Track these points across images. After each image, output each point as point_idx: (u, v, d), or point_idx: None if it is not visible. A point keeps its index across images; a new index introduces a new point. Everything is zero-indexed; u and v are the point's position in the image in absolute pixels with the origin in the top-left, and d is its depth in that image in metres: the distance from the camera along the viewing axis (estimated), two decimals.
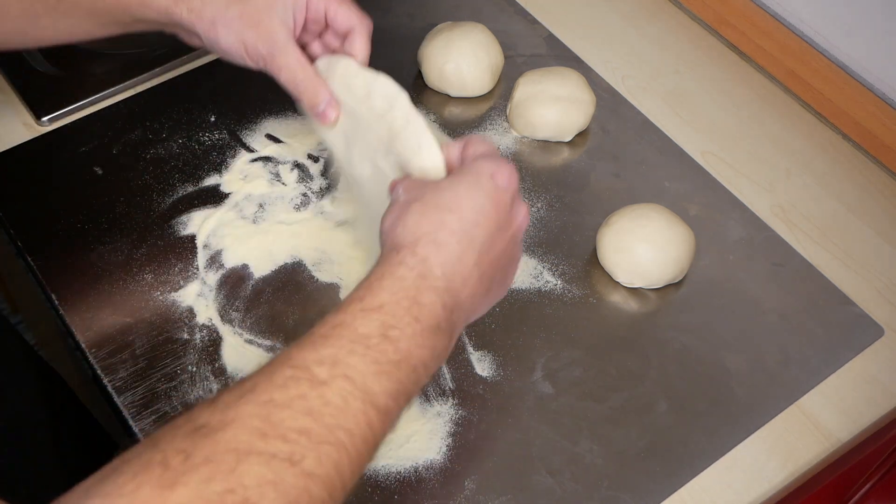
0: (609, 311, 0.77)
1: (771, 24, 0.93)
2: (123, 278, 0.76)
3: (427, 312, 0.51)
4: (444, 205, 0.54)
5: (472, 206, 0.54)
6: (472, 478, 0.67)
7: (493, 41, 0.89)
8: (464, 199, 0.55)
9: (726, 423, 0.71)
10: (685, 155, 0.87)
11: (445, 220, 0.53)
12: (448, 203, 0.54)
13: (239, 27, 0.65)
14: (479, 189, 0.55)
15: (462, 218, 0.54)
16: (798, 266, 0.80)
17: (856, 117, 0.88)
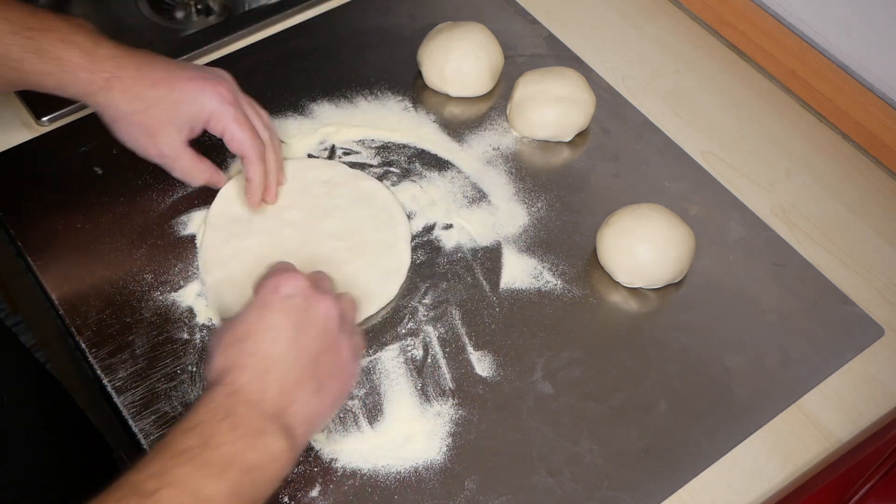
0: (609, 311, 0.77)
1: (771, 24, 0.93)
2: (123, 278, 0.76)
3: (244, 421, 0.54)
4: (239, 336, 0.58)
5: (264, 325, 0.58)
6: (472, 478, 0.67)
7: (493, 41, 0.89)
8: (254, 324, 0.59)
9: (726, 423, 0.71)
10: (685, 155, 0.87)
11: (243, 349, 0.58)
12: (242, 333, 0.58)
13: (137, 133, 0.73)
14: (266, 307, 0.59)
15: (257, 340, 0.58)
16: (798, 266, 0.80)
17: (856, 117, 0.88)
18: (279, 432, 0.55)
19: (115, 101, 0.70)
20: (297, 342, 0.59)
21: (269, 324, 0.58)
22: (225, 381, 0.56)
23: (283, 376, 0.57)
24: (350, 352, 0.62)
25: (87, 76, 0.69)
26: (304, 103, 0.88)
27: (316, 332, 0.60)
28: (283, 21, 0.96)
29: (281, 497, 0.66)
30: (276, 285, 0.60)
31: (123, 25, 1.13)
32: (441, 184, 0.83)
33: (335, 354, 0.61)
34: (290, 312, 0.59)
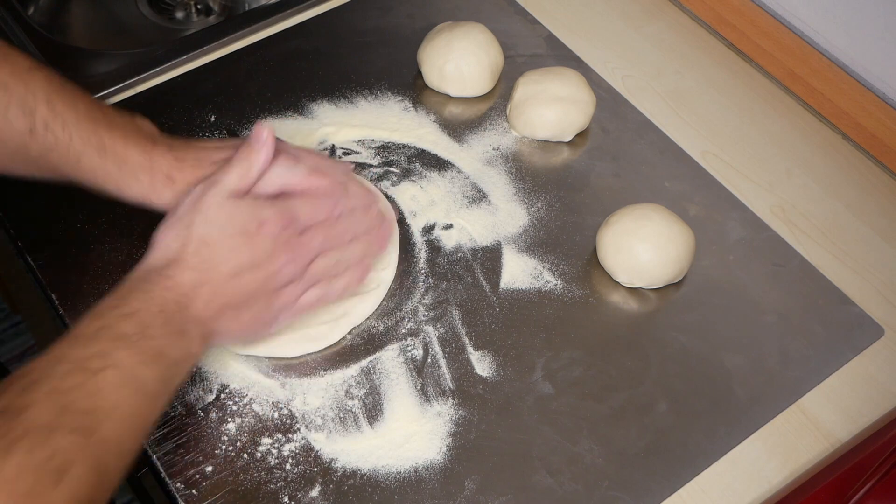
0: (609, 311, 0.77)
1: (771, 24, 0.93)
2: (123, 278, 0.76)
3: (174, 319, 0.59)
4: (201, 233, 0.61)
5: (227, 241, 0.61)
6: (472, 478, 0.67)
7: (493, 41, 0.89)
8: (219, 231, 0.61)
9: (726, 423, 0.71)
10: (685, 155, 0.87)
11: (198, 249, 0.61)
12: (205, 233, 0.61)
13: None
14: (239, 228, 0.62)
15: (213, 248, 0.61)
16: (798, 266, 0.80)
17: (856, 117, 0.88)
18: (198, 337, 0.60)
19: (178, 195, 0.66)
20: (243, 273, 0.62)
21: (232, 244, 0.61)
22: (166, 273, 0.60)
23: (216, 292, 0.61)
24: (279, 307, 0.66)
25: (147, 177, 0.66)
26: (304, 103, 0.88)
27: (262, 276, 0.63)
28: (283, 21, 0.96)
29: (281, 497, 0.66)
30: (264, 221, 0.62)
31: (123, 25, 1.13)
32: (441, 184, 0.83)
33: (266, 303, 0.64)
34: (255, 248, 0.62)
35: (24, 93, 0.63)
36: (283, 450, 0.68)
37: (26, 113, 0.63)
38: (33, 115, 0.63)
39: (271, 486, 0.66)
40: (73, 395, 0.51)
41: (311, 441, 0.68)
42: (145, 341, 0.56)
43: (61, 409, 0.50)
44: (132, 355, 0.55)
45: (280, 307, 0.66)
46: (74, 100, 0.65)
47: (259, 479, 0.66)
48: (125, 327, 0.56)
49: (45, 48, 0.92)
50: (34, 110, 0.63)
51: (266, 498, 0.66)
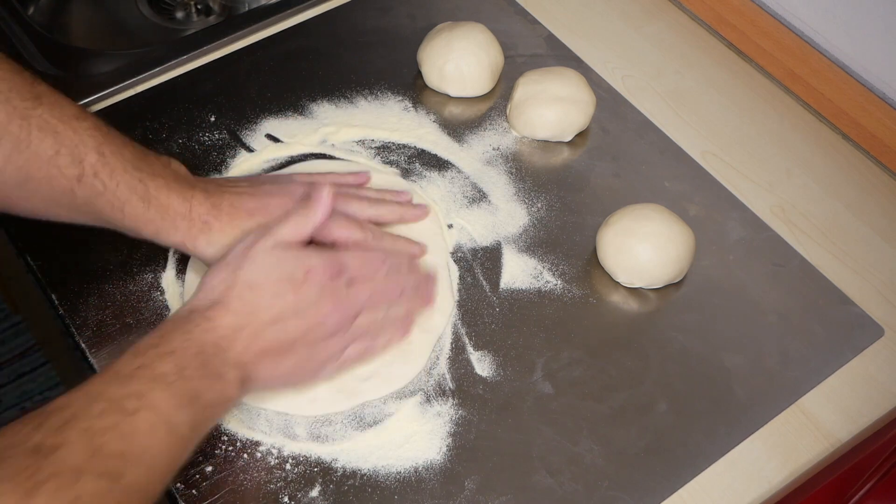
0: (609, 311, 0.77)
1: (771, 24, 0.93)
2: (123, 278, 0.76)
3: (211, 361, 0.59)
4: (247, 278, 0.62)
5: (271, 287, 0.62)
6: (472, 478, 0.67)
7: (493, 41, 0.89)
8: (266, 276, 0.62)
9: (726, 423, 0.71)
10: (685, 155, 0.87)
11: (242, 294, 0.61)
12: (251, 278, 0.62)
13: None
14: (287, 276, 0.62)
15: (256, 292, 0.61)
16: (798, 266, 0.80)
17: (856, 117, 0.88)
18: (235, 381, 0.60)
19: (216, 241, 0.67)
20: (286, 320, 0.62)
21: (277, 289, 0.62)
22: (208, 315, 0.60)
23: (256, 336, 0.61)
24: (321, 358, 0.65)
25: (185, 224, 0.67)
26: (304, 103, 0.88)
27: (306, 325, 0.63)
28: (283, 21, 0.96)
29: (281, 497, 0.66)
30: (311, 269, 0.63)
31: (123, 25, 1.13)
32: (441, 184, 0.83)
33: (308, 353, 0.64)
34: (300, 295, 0.62)
35: (74, 140, 0.63)
36: (283, 450, 0.68)
37: (76, 160, 0.63)
38: (82, 162, 0.64)
39: (271, 486, 0.66)
40: (106, 437, 0.51)
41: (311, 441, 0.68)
42: (182, 383, 0.56)
43: (93, 451, 0.50)
44: (167, 398, 0.55)
45: (324, 359, 0.65)
46: (121, 147, 0.66)
47: (259, 479, 0.66)
48: (162, 367, 0.56)
49: (45, 48, 0.92)
50: (84, 158, 0.64)
51: (266, 498, 0.66)
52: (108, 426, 0.52)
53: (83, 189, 0.64)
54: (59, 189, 0.64)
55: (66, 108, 0.64)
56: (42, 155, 0.62)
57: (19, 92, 0.62)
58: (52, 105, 0.64)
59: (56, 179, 0.63)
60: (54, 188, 0.64)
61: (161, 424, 0.54)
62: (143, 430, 0.53)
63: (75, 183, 0.64)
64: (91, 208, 0.65)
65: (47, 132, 0.62)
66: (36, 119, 0.62)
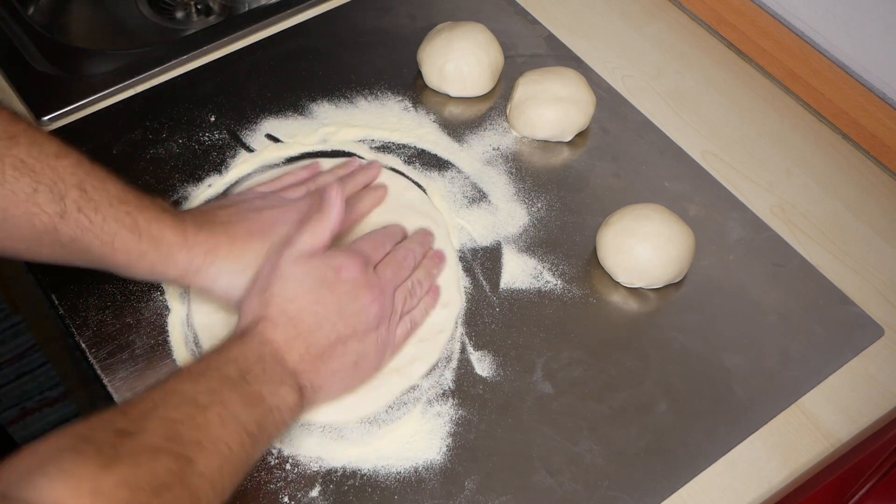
0: (609, 311, 0.77)
1: (771, 24, 0.93)
2: (123, 278, 0.76)
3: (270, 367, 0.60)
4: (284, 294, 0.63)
5: (310, 297, 0.63)
6: (472, 478, 0.67)
7: (493, 41, 0.89)
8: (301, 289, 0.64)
9: (726, 423, 0.71)
10: (685, 155, 0.87)
11: (284, 308, 0.63)
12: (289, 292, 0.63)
13: None
14: (319, 281, 0.64)
15: (298, 304, 0.63)
16: (798, 266, 0.80)
17: (856, 117, 0.88)
18: (295, 387, 0.61)
19: (221, 272, 0.67)
20: (331, 323, 0.64)
21: (315, 296, 0.64)
22: (256, 330, 0.62)
23: (308, 345, 0.63)
24: (377, 347, 0.67)
25: (185, 256, 0.66)
26: (304, 103, 0.88)
27: (352, 320, 0.65)
28: (283, 21, 0.96)
29: (281, 497, 0.66)
30: (340, 267, 0.65)
31: (123, 25, 1.13)
32: (441, 184, 0.83)
33: (360, 345, 0.66)
34: (338, 294, 0.64)
35: (53, 178, 0.63)
36: (283, 450, 0.68)
37: (56, 198, 0.62)
38: (64, 199, 0.63)
39: (271, 486, 0.66)
40: (183, 426, 0.54)
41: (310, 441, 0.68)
42: (246, 385, 0.58)
43: (170, 435, 0.53)
44: (235, 396, 0.57)
45: (380, 348, 0.67)
46: (105, 182, 0.65)
47: (259, 479, 0.66)
48: (228, 370, 0.59)
49: (45, 48, 0.92)
50: (65, 195, 0.63)
51: (266, 498, 0.66)
52: (183, 416, 0.54)
53: (67, 226, 0.63)
54: (41, 227, 0.62)
55: (44, 146, 0.63)
56: (19, 193, 0.61)
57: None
58: (29, 144, 0.62)
59: (36, 217, 0.62)
60: (35, 226, 0.62)
61: (231, 419, 0.56)
62: (216, 423, 0.55)
63: (58, 220, 0.62)
64: (78, 246, 0.64)
65: (23, 171, 0.61)
66: (10, 159, 0.61)
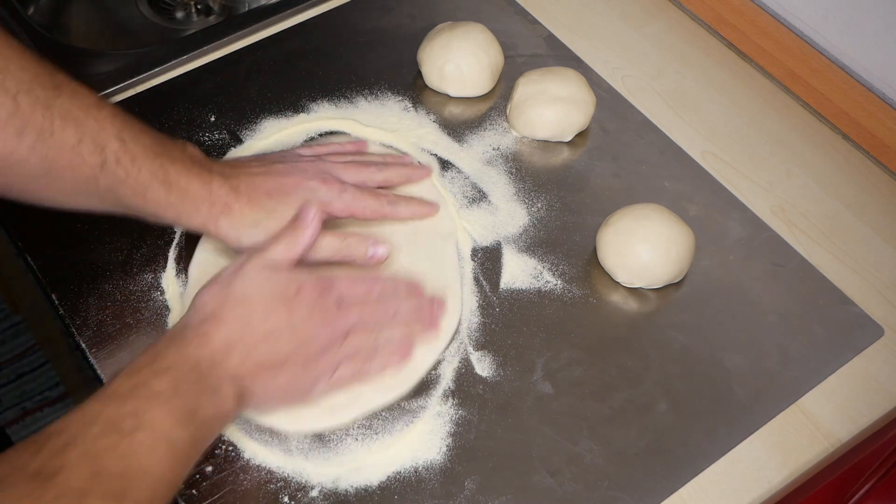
0: (609, 311, 0.77)
1: (771, 24, 0.93)
2: (123, 278, 0.76)
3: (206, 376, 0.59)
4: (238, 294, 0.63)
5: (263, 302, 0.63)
6: (472, 478, 0.67)
7: (493, 41, 0.89)
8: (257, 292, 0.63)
9: (726, 423, 0.71)
10: (685, 155, 0.87)
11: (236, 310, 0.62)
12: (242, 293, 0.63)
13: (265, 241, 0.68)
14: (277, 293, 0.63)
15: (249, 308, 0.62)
16: (798, 266, 0.80)
17: (856, 117, 0.88)
18: (232, 395, 0.60)
19: (238, 223, 0.68)
20: (279, 335, 0.63)
21: (269, 305, 0.63)
22: (201, 330, 0.61)
23: (250, 350, 0.62)
24: (310, 377, 0.65)
25: (206, 207, 0.67)
26: (304, 103, 0.88)
27: (300, 339, 0.64)
28: (283, 21, 0.96)
29: (281, 497, 0.66)
30: (301, 287, 0.64)
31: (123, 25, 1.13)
32: (441, 184, 0.83)
33: (301, 369, 0.64)
34: (291, 311, 0.64)
35: (95, 128, 0.64)
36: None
37: (98, 148, 0.63)
38: (105, 150, 0.64)
39: (271, 487, 0.66)
40: (106, 458, 0.52)
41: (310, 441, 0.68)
42: (178, 399, 0.57)
43: (94, 472, 0.51)
44: (165, 415, 0.55)
45: (316, 376, 0.66)
46: (140, 134, 0.66)
47: (259, 479, 0.66)
48: (158, 385, 0.57)
49: (45, 48, 0.92)
50: (106, 145, 0.64)
51: (266, 498, 0.66)
52: (107, 447, 0.52)
53: (106, 176, 0.64)
54: (83, 177, 0.64)
55: (85, 96, 0.65)
56: (66, 144, 0.62)
57: (41, 82, 0.62)
58: (72, 94, 0.64)
59: (79, 168, 0.63)
60: (78, 177, 0.64)
61: (160, 442, 0.54)
62: (143, 450, 0.53)
63: (98, 170, 0.64)
64: (113, 195, 0.66)
65: (69, 121, 0.62)
66: (58, 108, 0.62)
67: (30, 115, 0.61)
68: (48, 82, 0.63)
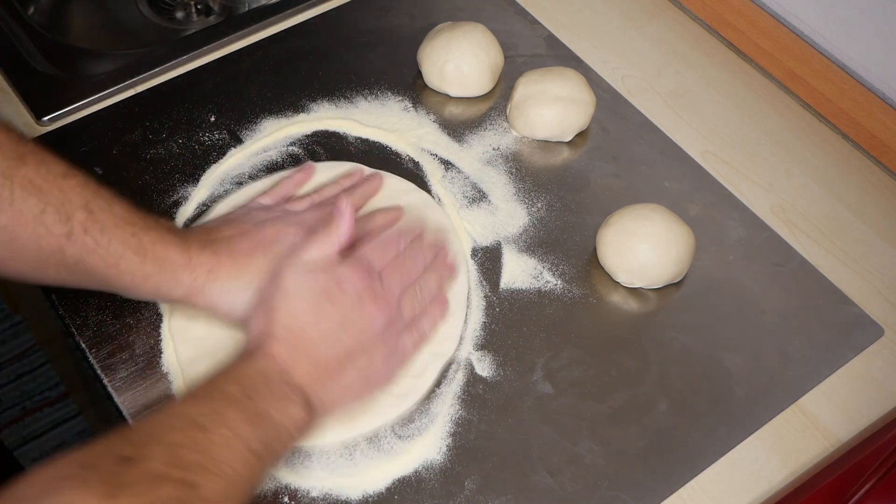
0: (609, 311, 0.77)
1: (771, 24, 0.93)
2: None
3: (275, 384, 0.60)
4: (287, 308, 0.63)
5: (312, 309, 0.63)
6: (472, 478, 0.67)
7: (493, 41, 0.89)
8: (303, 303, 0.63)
9: (726, 423, 0.71)
10: (685, 155, 0.87)
11: (287, 323, 0.62)
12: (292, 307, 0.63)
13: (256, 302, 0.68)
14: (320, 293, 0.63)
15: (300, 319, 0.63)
16: (798, 266, 0.80)
17: (856, 117, 0.88)
18: (302, 403, 0.60)
19: (228, 287, 0.67)
20: (335, 337, 0.63)
21: (317, 309, 0.63)
22: (261, 347, 0.62)
23: (312, 360, 0.62)
24: (385, 359, 0.66)
25: (188, 276, 0.66)
26: (304, 103, 0.88)
27: (358, 333, 0.64)
28: (283, 21, 0.96)
29: (281, 497, 0.66)
30: (342, 279, 0.64)
31: (123, 25, 1.13)
32: (441, 184, 0.83)
33: (368, 358, 0.65)
34: (341, 307, 0.64)
35: (60, 198, 0.62)
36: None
37: (63, 218, 0.62)
38: (71, 220, 0.62)
39: (271, 486, 0.66)
40: (186, 450, 0.53)
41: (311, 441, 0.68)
42: (251, 403, 0.58)
43: (173, 460, 0.52)
44: (239, 416, 0.57)
45: (386, 359, 0.66)
46: (111, 203, 0.65)
47: None
48: (232, 389, 0.58)
49: (45, 48, 0.92)
50: (71, 215, 0.63)
51: (266, 498, 0.66)
52: (186, 440, 0.54)
53: (73, 247, 0.63)
54: (48, 248, 0.62)
55: (52, 166, 0.63)
56: (27, 213, 0.61)
57: (3, 151, 0.61)
58: (37, 164, 0.62)
59: (44, 238, 0.62)
60: (42, 247, 0.62)
61: (235, 440, 0.55)
62: (220, 444, 0.55)
63: (64, 241, 0.62)
64: (83, 267, 0.64)
65: (31, 191, 0.61)
66: (19, 179, 0.61)
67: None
68: (11, 152, 0.61)
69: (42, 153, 0.63)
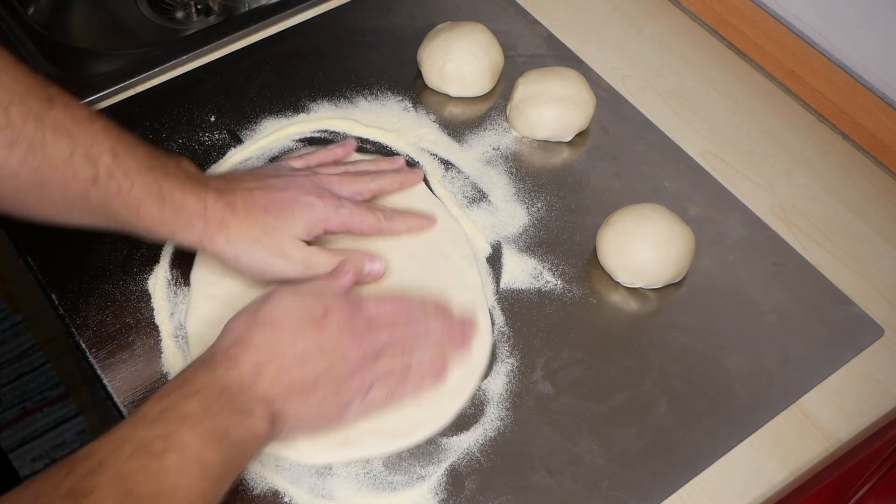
0: (609, 311, 0.77)
1: (771, 24, 0.93)
2: (123, 278, 0.76)
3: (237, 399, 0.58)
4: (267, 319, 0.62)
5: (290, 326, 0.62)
6: (472, 478, 0.67)
7: (493, 41, 0.89)
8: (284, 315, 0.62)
9: (726, 423, 0.71)
10: (685, 155, 0.87)
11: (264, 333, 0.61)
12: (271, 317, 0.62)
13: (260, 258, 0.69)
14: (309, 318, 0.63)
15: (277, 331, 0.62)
16: (798, 266, 0.80)
17: (856, 117, 0.88)
18: (264, 417, 0.59)
19: (235, 240, 0.68)
20: (309, 357, 0.62)
21: (298, 327, 0.62)
22: (230, 353, 0.60)
23: (281, 372, 0.61)
24: (351, 396, 0.64)
25: (202, 223, 0.67)
26: (304, 103, 0.88)
27: (331, 359, 0.63)
28: (283, 21, 0.96)
29: (281, 497, 0.66)
30: (329, 307, 0.64)
31: (123, 25, 1.13)
32: (441, 184, 0.83)
33: (335, 389, 0.63)
34: (320, 332, 0.63)
35: (89, 140, 0.63)
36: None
37: (90, 161, 0.63)
38: (97, 163, 0.63)
39: (270, 486, 0.66)
40: (137, 479, 0.51)
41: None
42: (208, 421, 0.56)
43: (125, 493, 0.51)
44: (195, 437, 0.55)
45: (349, 397, 0.64)
46: (134, 147, 0.66)
47: (259, 479, 0.66)
48: (188, 408, 0.56)
49: (45, 48, 0.92)
50: (98, 159, 0.63)
51: (266, 498, 0.66)
52: (137, 469, 0.52)
53: (98, 191, 0.64)
54: (75, 192, 0.63)
55: (78, 109, 0.64)
56: (57, 157, 0.62)
57: (34, 94, 0.62)
58: (65, 106, 0.63)
59: (71, 182, 0.63)
60: (69, 191, 0.63)
61: (190, 464, 0.54)
62: (173, 471, 0.53)
63: (90, 185, 0.63)
64: (105, 210, 0.65)
65: (62, 133, 0.62)
66: (50, 121, 0.62)
67: (21, 127, 0.61)
68: (41, 94, 0.62)
69: (68, 96, 0.64)
